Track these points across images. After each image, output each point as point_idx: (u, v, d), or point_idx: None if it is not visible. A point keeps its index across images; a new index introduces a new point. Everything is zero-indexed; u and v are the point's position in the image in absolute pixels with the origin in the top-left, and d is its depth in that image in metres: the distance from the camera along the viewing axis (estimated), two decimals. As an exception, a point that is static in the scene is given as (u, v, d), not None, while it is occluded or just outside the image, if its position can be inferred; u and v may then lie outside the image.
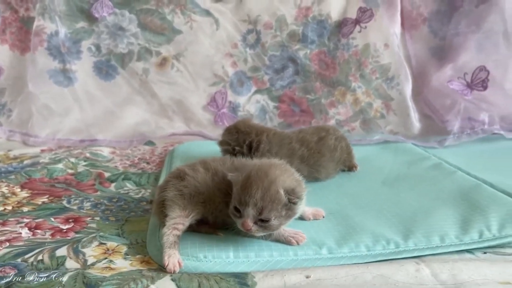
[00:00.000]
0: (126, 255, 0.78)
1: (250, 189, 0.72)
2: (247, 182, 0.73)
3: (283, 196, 0.73)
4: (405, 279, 0.67)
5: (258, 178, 0.73)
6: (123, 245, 0.81)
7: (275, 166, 0.77)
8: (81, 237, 0.83)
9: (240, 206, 0.73)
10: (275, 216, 0.73)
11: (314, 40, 1.62)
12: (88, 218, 0.93)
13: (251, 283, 0.67)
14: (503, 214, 0.84)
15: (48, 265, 0.73)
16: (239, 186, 0.74)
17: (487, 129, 1.45)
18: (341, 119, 1.60)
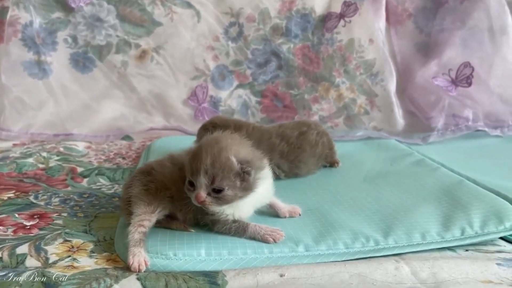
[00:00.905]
0: (92, 252, 0.74)
1: (200, 156, 0.70)
2: (198, 150, 0.71)
3: (235, 163, 0.70)
4: (384, 278, 0.64)
5: (208, 145, 0.71)
6: (89, 242, 0.77)
7: (229, 137, 0.75)
8: (45, 234, 0.79)
9: (192, 176, 0.70)
10: (229, 186, 0.70)
11: (297, 34, 1.58)
12: (55, 214, 0.88)
13: (221, 282, 0.63)
14: (485, 211, 0.82)
15: (7, 263, 0.69)
16: (190, 157, 0.72)
17: (471, 125, 1.44)
18: (325, 115, 1.56)
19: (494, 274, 0.66)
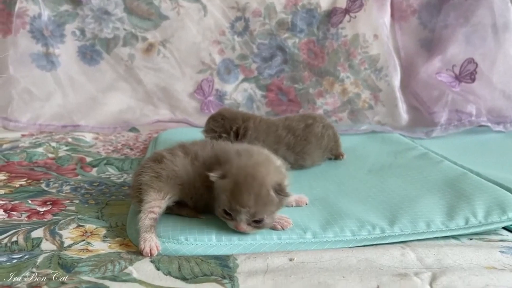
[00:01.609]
0: (104, 237, 0.75)
1: (241, 197, 0.70)
2: (237, 189, 0.70)
3: (274, 196, 0.72)
4: (390, 263, 0.66)
5: (247, 184, 0.70)
6: (102, 228, 0.78)
7: (259, 164, 0.74)
8: (58, 219, 0.80)
9: (232, 211, 0.71)
10: (267, 215, 0.72)
11: (303, 29, 1.60)
12: (67, 201, 0.90)
13: (232, 265, 0.65)
14: (489, 202, 0.83)
15: (22, 247, 0.71)
16: (228, 193, 0.71)
17: (474, 120, 1.46)
18: (329, 109, 1.58)
19: (497, 260, 0.68)
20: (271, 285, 0.60)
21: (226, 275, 0.63)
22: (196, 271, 0.63)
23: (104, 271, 0.62)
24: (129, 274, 0.62)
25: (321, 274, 0.62)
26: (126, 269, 0.63)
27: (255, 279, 0.61)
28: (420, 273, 0.63)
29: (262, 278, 0.61)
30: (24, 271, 0.62)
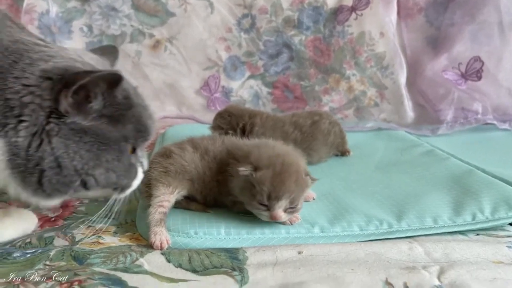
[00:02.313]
0: (115, 233, 0.76)
1: (283, 185, 0.71)
2: (277, 178, 0.71)
3: (308, 179, 0.75)
4: (398, 256, 0.67)
5: (287, 171, 0.72)
6: (112, 226, 0.79)
7: (290, 152, 0.78)
8: (69, 223, 0.80)
9: (270, 201, 0.72)
10: (301, 199, 0.74)
11: (309, 26, 1.60)
12: (77, 201, 0.89)
13: (242, 257, 0.66)
14: (496, 198, 0.84)
15: (36, 245, 0.71)
16: (268, 183, 0.71)
17: (480, 118, 1.46)
18: (335, 106, 1.59)
19: (504, 255, 0.68)
20: (281, 277, 0.61)
21: (236, 267, 0.63)
22: (206, 263, 0.64)
23: (116, 263, 0.63)
24: (140, 266, 0.63)
25: (330, 267, 0.63)
26: (137, 260, 0.64)
27: (264, 271, 0.62)
28: (428, 266, 0.63)
29: (271, 270, 0.62)
30: (37, 264, 0.63)
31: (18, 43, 0.61)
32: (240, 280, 0.60)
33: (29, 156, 0.59)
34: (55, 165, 0.60)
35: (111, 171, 0.65)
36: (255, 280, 0.60)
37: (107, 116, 0.63)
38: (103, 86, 0.61)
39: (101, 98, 0.62)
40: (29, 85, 0.58)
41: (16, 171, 0.60)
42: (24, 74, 0.59)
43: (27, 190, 0.61)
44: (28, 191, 0.61)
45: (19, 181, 0.60)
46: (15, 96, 0.58)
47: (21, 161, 0.59)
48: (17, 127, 0.58)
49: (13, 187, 0.62)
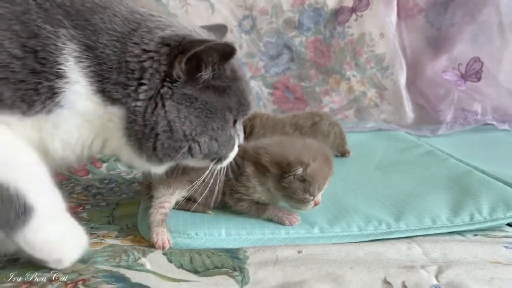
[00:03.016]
0: (116, 237, 0.77)
1: (329, 173, 0.78)
2: (325, 169, 0.77)
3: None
4: (397, 256, 0.68)
5: (328, 161, 0.78)
6: (113, 231, 0.80)
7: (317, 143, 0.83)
8: None
9: (318, 191, 0.76)
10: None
11: (310, 27, 1.61)
12: (79, 208, 0.91)
13: (243, 257, 0.67)
14: (494, 199, 0.84)
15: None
16: (319, 177, 0.75)
17: (479, 119, 1.47)
18: (335, 107, 1.59)
19: (502, 256, 0.69)
20: (281, 276, 0.62)
21: (237, 266, 0.64)
22: (207, 264, 0.65)
23: (119, 261, 0.64)
24: (143, 265, 0.64)
25: (330, 266, 0.64)
26: (139, 259, 0.65)
27: (265, 271, 0.63)
28: (427, 266, 0.64)
29: (272, 269, 0.63)
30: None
31: (135, 13, 0.64)
32: (241, 280, 0.61)
33: (145, 120, 0.61)
34: (167, 129, 0.62)
35: (214, 140, 0.68)
36: (256, 280, 0.61)
37: (215, 87, 0.66)
38: (216, 57, 0.63)
39: (211, 69, 0.64)
40: (149, 51, 0.61)
41: (133, 139, 0.63)
42: (143, 40, 0.61)
43: (141, 156, 0.64)
44: (143, 158, 0.64)
45: (135, 148, 0.63)
46: (135, 59, 0.61)
47: (138, 128, 0.62)
48: (138, 90, 0.61)
49: (127, 154, 0.65)
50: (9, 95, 0.55)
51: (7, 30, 0.54)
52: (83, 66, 0.58)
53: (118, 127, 0.62)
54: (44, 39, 0.56)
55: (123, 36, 0.61)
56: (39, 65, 0.56)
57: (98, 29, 0.59)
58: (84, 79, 0.59)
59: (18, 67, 0.55)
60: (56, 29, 0.57)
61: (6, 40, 0.54)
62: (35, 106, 0.56)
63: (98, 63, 0.59)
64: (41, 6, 0.57)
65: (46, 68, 0.56)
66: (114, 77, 0.60)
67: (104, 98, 0.61)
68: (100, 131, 0.64)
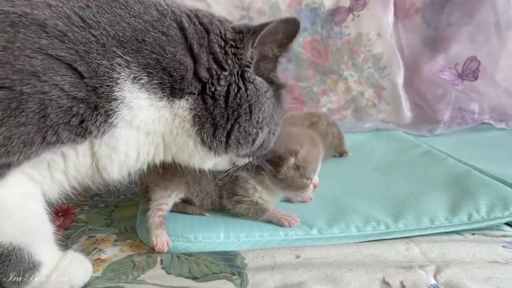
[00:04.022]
0: (115, 241, 0.77)
1: (319, 154, 0.82)
2: (314, 151, 0.80)
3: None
4: (395, 257, 0.68)
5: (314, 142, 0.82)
6: (112, 234, 0.80)
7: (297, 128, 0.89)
8: (70, 234, 0.81)
9: (314, 174, 0.80)
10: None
11: (307, 27, 1.61)
12: (78, 209, 0.90)
13: (241, 264, 0.67)
14: (492, 198, 0.85)
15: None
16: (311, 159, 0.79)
17: (477, 118, 1.47)
18: (333, 107, 1.60)
19: (500, 255, 0.69)
20: (280, 278, 0.62)
21: (236, 272, 0.64)
22: (206, 271, 0.65)
23: (118, 281, 0.64)
24: (143, 280, 0.64)
25: (328, 267, 0.64)
26: (138, 277, 0.65)
27: (263, 274, 0.63)
28: (425, 266, 0.65)
29: (270, 273, 0.63)
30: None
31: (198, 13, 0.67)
32: (239, 284, 0.61)
33: (229, 103, 0.65)
34: (248, 111, 0.66)
35: (271, 134, 0.72)
36: (254, 283, 0.61)
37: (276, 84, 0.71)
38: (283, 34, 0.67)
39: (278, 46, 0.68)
40: (230, 39, 0.66)
41: (208, 125, 0.65)
42: (224, 33, 0.66)
43: (208, 144, 0.66)
44: (208, 146, 0.66)
45: (207, 135, 0.65)
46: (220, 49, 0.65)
47: (218, 111, 0.64)
48: (220, 77, 0.64)
49: (191, 147, 0.67)
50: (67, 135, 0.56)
51: (66, 74, 0.54)
52: (143, 83, 0.60)
53: (187, 119, 0.64)
54: (102, 75, 0.57)
55: (205, 28, 0.65)
56: (99, 99, 0.57)
57: (156, 45, 0.60)
58: (144, 94, 0.60)
59: (82, 109, 0.55)
60: (112, 61, 0.57)
61: (67, 84, 0.54)
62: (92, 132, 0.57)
63: (163, 71, 0.61)
64: (99, 41, 0.57)
65: (103, 101, 0.57)
66: (189, 76, 0.63)
67: (171, 97, 0.62)
68: (164, 137, 0.65)
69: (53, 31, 0.54)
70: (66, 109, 0.54)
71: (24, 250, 0.57)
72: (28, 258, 0.58)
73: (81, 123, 0.56)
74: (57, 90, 0.54)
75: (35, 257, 0.59)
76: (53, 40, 0.54)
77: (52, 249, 0.64)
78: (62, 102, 0.54)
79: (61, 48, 0.54)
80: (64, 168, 0.60)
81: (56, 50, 0.54)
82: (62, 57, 0.54)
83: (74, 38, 0.55)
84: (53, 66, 0.54)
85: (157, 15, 0.62)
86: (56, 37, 0.54)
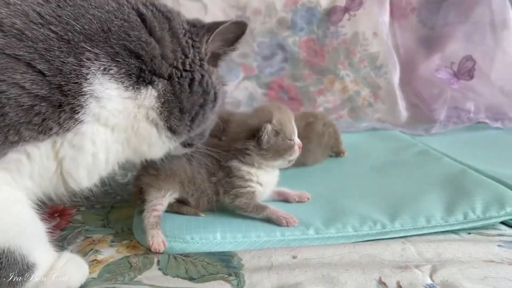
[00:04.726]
0: (112, 242, 0.77)
1: (290, 115, 0.87)
2: (283, 113, 0.85)
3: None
4: (391, 257, 0.68)
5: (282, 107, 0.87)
6: (109, 235, 0.80)
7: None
8: (66, 234, 0.81)
9: (293, 134, 0.85)
10: None
11: (303, 27, 1.61)
12: (74, 209, 0.90)
13: (238, 265, 0.67)
14: (487, 197, 0.85)
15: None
16: (287, 119, 0.84)
17: (473, 117, 1.48)
18: (329, 107, 1.60)
19: (495, 254, 0.69)
20: (276, 279, 0.62)
21: (232, 272, 0.64)
22: (203, 272, 0.65)
23: (114, 282, 0.64)
24: (139, 281, 0.64)
25: (325, 268, 0.64)
26: (135, 278, 0.65)
27: (260, 275, 0.63)
28: (421, 265, 0.65)
29: (267, 273, 0.64)
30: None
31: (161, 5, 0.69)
32: (236, 284, 0.62)
33: (194, 89, 0.68)
34: (213, 98, 0.71)
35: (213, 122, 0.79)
36: (251, 284, 0.61)
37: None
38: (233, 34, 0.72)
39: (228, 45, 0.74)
40: (186, 30, 0.69)
41: (176, 110, 0.67)
42: (182, 22, 0.69)
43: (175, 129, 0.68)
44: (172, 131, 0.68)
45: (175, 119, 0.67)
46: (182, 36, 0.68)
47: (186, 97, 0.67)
48: (185, 61, 0.67)
49: (152, 138, 0.68)
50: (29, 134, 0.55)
51: (26, 72, 0.54)
52: (112, 73, 0.60)
53: (154, 107, 0.65)
54: (68, 73, 0.56)
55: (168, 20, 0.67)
56: (64, 97, 0.56)
57: (122, 32, 0.61)
58: (113, 84, 0.60)
59: (44, 108, 0.55)
60: (80, 57, 0.57)
61: (28, 82, 0.53)
62: (52, 129, 0.56)
63: (131, 56, 0.61)
64: (63, 38, 0.56)
65: (70, 98, 0.56)
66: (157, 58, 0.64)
67: (137, 86, 0.63)
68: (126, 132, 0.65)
69: (10, 30, 0.53)
70: (27, 107, 0.54)
71: (16, 252, 0.57)
72: (21, 260, 0.57)
73: (43, 121, 0.55)
74: (16, 88, 0.53)
75: (28, 258, 0.58)
76: (10, 39, 0.53)
77: (46, 250, 0.63)
78: (23, 100, 0.53)
79: (19, 47, 0.53)
80: (30, 172, 0.58)
81: (13, 49, 0.53)
82: (20, 56, 0.53)
83: (32, 36, 0.54)
84: (11, 65, 0.53)
85: (116, 5, 0.63)
86: (14, 36, 0.53)
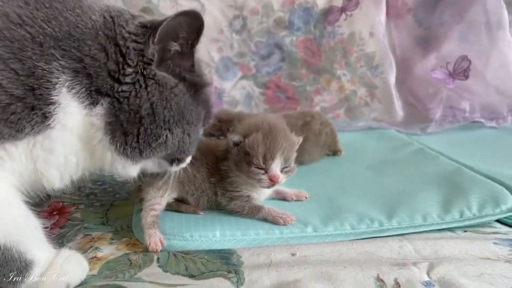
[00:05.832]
0: (111, 240, 0.77)
1: (275, 144, 0.76)
2: (268, 139, 0.76)
3: (295, 139, 0.81)
4: (389, 254, 0.69)
5: (276, 132, 0.77)
6: (108, 233, 0.80)
7: (271, 117, 0.84)
8: (65, 232, 0.81)
9: (266, 162, 0.76)
10: (293, 159, 0.80)
11: (300, 27, 1.62)
12: (73, 207, 0.91)
13: (237, 262, 0.68)
14: (483, 195, 0.86)
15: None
16: (261, 145, 0.76)
17: (468, 117, 1.49)
18: (326, 106, 1.61)
19: (491, 252, 0.71)
20: (275, 276, 0.63)
21: (232, 270, 0.65)
22: (203, 269, 0.66)
23: (115, 279, 0.64)
24: (139, 278, 0.64)
25: (323, 265, 0.65)
26: (135, 275, 0.65)
27: (259, 272, 0.64)
28: (418, 263, 0.66)
29: (266, 270, 0.64)
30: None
31: (109, 7, 0.65)
32: (236, 281, 0.62)
33: (130, 105, 0.62)
34: (151, 111, 0.62)
35: (187, 135, 0.68)
36: (251, 281, 0.62)
37: (191, 82, 0.67)
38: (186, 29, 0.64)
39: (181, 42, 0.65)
40: (131, 32, 0.63)
41: (119, 133, 0.62)
42: (127, 25, 0.63)
43: (123, 152, 0.63)
44: (125, 153, 0.63)
45: (119, 142, 0.63)
46: (123, 42, 0.62)
47: (123, 116, 0.62)
48: (125, 73, 0.62)
49: (110, 156, 0.64)
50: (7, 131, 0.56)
51: (4, 70, 0.55)
52: (74, 92, 0.59)
53: (100, 127, 0.62)
54: (39, 77, 0.57)
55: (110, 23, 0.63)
56: (36, 101, 0.57)
57: (82, 39, 0.60)
58: (74, 102, 0.60)
59: (19, 108, 0.56)
60: (50, 64, 0.57)
61: (5, 79, 0.55)
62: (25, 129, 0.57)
63: (85, 73, 0.60)
64: (36, 40, 0.57)
65: (42, 103, 0.57)
66: (103, 73, 0.61)
67: (90, 105, 0.61)
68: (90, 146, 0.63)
69: None
70: (4, 105, 0.55)
71: (13, 249, 0.57)
72: (19, 257, 0.58)
73: (19, 120, 0.56)
74: None
75: (26, 255, 0.59)
76: None
77: (44, 247, 0.63)
78: (1, 98, 0.54)
79: None
80: (12, 169, 0.59)
81: None
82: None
83: (10, 36, 0.55)
84: None
85: (81, 12, 0.62)
86: None
